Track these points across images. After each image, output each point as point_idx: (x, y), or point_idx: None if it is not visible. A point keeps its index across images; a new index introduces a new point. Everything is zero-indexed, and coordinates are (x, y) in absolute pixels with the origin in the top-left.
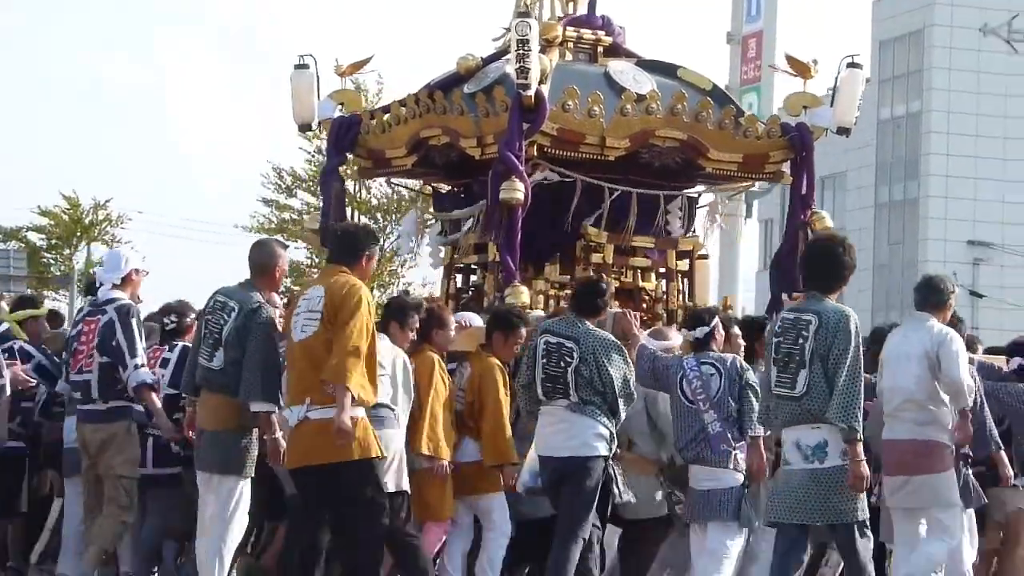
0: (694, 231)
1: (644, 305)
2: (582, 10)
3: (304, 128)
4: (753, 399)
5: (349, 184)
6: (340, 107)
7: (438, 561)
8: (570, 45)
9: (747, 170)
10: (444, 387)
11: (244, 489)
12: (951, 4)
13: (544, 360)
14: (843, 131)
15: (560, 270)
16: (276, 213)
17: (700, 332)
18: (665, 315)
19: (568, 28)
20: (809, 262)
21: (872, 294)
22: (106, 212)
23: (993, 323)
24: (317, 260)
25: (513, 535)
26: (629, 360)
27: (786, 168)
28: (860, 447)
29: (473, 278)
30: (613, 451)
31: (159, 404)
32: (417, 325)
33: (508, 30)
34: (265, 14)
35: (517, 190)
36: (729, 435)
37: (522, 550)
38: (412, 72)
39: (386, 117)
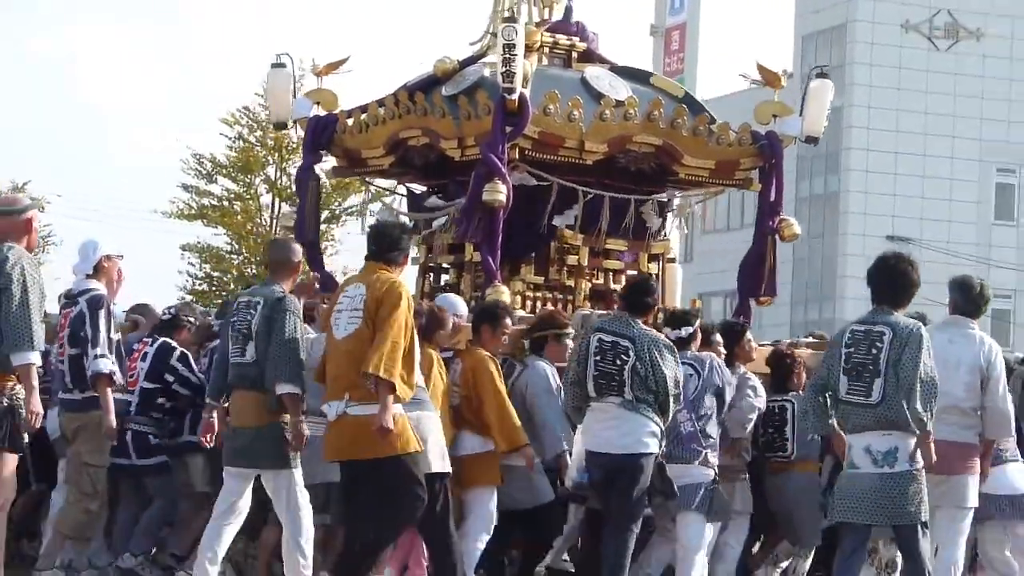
0: (665, 235)
1: (616, 306)
2: (557, 16)
3: (280, 126)
4: (725, 400)
5: (271, 171)
6: (316, 106)
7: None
8: (546, 50)
9: (718, 176)
10: (442, 382)
11: (298, 477)
12: (873, 0)
13: (598, 357)
14: (811, 140)
15: (535, 271)
16: (196, 199)
17: (685, 332)
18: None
19: (544, 34)
20: (880, 278)
21: (791, 287)
22: (25, 195)
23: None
24: (238, 247)
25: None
26: (679, 361)
27: (755, 175)
28: (931, 440)
29: (446, 277)
30: (662, 449)
31: (110, 397)
32: (509, 327)
33: (492, 33)
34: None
35: (500, 192)
36: (700, 435)
37: (505, 539)
38: (388, 73)
39: (363, 117)
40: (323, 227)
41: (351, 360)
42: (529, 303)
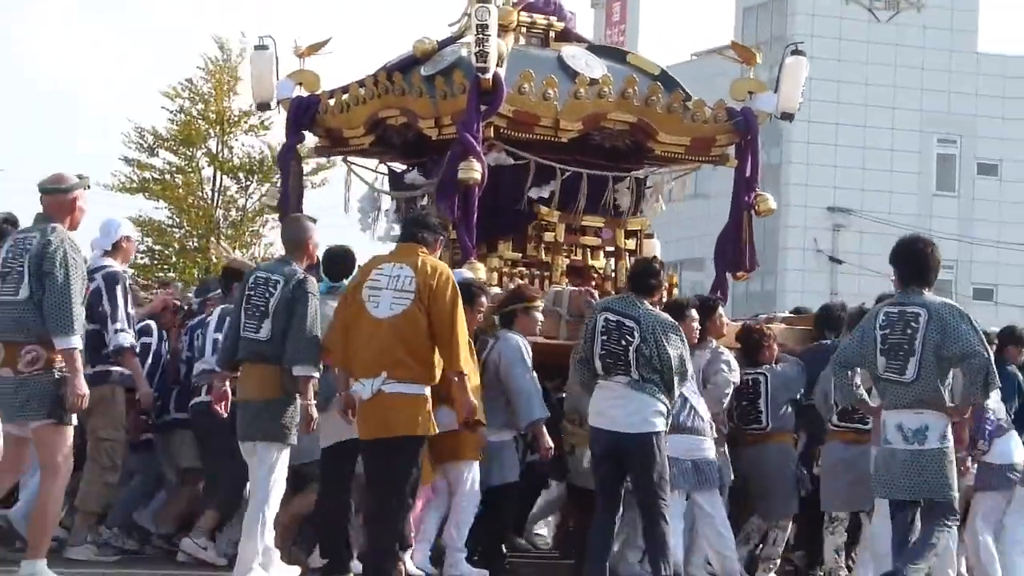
0: (641, 211)
1: (593, 282)
2: None
3: (263, 107)
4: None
5: (212, 144)
6: (299, 87)
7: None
8: (523, 30)
9: (694, 153)
10: None
11: (285, 455)
12: None
13: (604, 337)
14: (787, 116)
15: (512, 248)
16: (138, 172)
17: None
18: (614, 292)
19: (521, 13)
20: (905, 260)
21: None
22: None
23: (852, 288)
24: (180, 220)
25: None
26: (685, 340)
27: (731, 151)
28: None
29: None
30: (667, 427)
31: (139, 368)
32: (484, 305)
33: (466, 15)
34: None
35: (475, 170)
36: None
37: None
38: (368, 54)
39: (344, 97)
40: (264, 199)
41: (397, 339)
42: (507, 280)
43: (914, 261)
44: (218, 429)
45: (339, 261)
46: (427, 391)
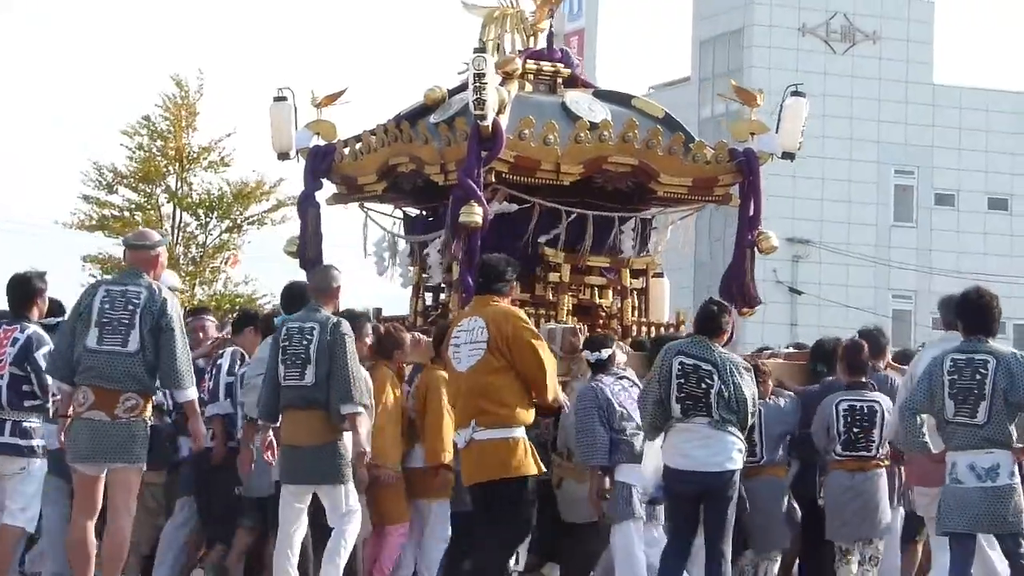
0: (647, 251)
1: (600, 321)
2: (542, 43)
3: (283, 157)
4: None
5: (171, 181)
6: (316, 136)
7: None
8: (531, 77)
9: (697, 193)
10: (394, 400)
11: (352, 489)
12: (770, 4)
13: (681, 380)
14: (788, 155)
15: (520, 288)
16: (97, 209)
17: (605, 354)
18: (620, 330)
19: (528, 61)
20: (972, 312)
21: (693, 292)
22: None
23: (812, 319)
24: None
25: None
26: (755, 380)
27: (734, 191)
28: None
29: (443, 296)
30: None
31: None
32: (370, 334)
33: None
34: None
35: (476, 214)
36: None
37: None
38: (383, 103)
39: (358, 146)
40: (225, 236)
41: (477, 389)
42: None
43: (980, 313)
44: (219, 473)
45: (298, 298)
46: (518, 432)
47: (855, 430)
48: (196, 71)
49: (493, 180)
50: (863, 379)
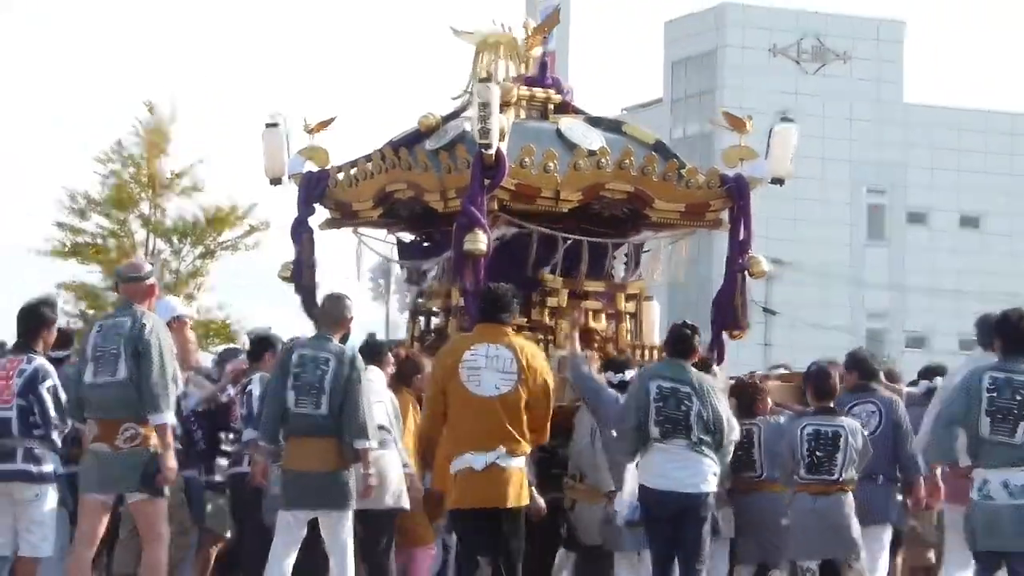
0: (639, 275)
1: (596, 344)
2: (534, 71)
3: (275, 182)
4: None
5: (144, 207)
6: (309, 162)
7: None
8: (523, 103)
9: (689, 218)
10: (416, 426)
11: (350, 518)
12: (742, 25)
13: (659, 404)
14: (777, 181)
15: (520, 313)
16: (71, 236)
17: (628, 375)
18: (616, 353)
19: (521, 87)
20: (1011, 331)
21: (667, 312)
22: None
23: (786, 340)
24: (111, 283)
25: None
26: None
27: (724, 216)
28: None
29: (436, 321)
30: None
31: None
32: (391, 363)
33: (468, 92)
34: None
35: (480, 241)
36: None
37: None
38: (374, 129)
39: (353, 172)
40: (197, 262)
41: (506, 416)
42: None
43: (1019, 333)
44: (257, 500)
45: (264, 347)
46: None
47: (819, 454)
48: (169, 96)
49: (495, 207)
50: (830, 404)
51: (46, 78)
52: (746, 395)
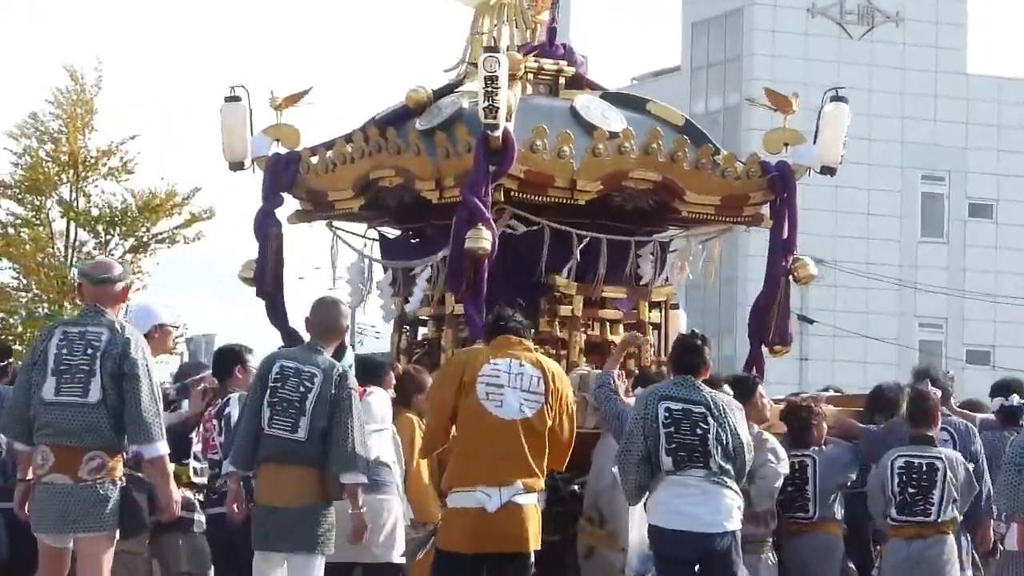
0: (666, 279)
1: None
2: (542, 38)
3: (236, 167)
4: None
5: (65, 191)
6: (276, 143)
7: None
8: (529, 77)
9: (724, 213)
10: None
11: (322, 565)
12: None
13: (670, 429)
14: (827, 170)
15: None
16: None
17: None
18: (637, 371)
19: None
20: None
21: (686, 318)
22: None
23: (825, 353)
24: (25, 282)
25: None
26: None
27: (765, 210)
28: None
29: (423, 331)
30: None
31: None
32: (392, 383)
33: (471, 63)
34: None
35: (484, 239)
36: None
37: None
38: (354, 104)
39: (329, 155)
40: (128, 256)
41: (528, 443)
42: None
43: None
44: (242, 539)
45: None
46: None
47: (911, 490)
48: (94, 60)
49: (501, 199)
50: (927, 432)
51: None
52: (799, 421)
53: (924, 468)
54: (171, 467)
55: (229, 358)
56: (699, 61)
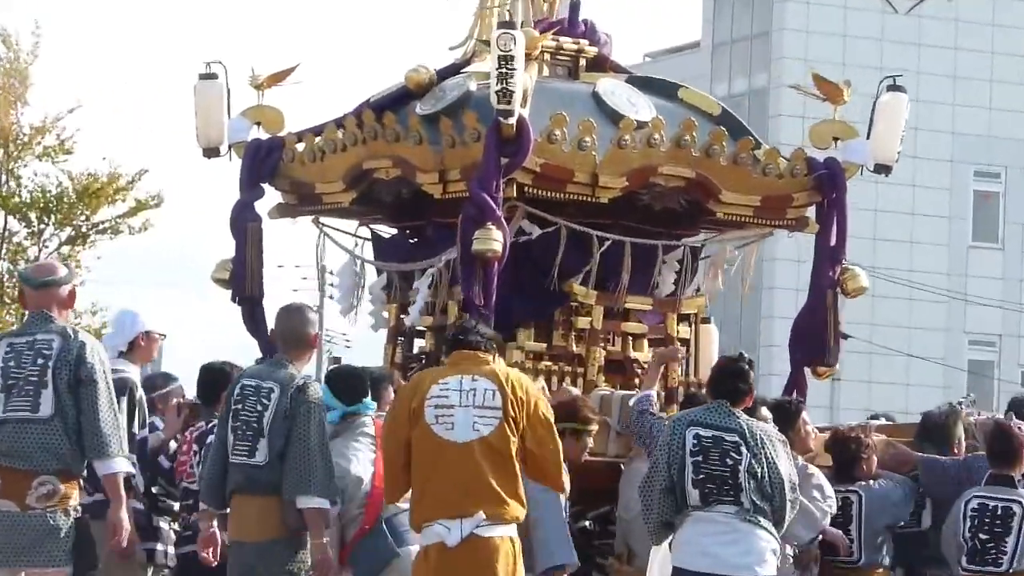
0: (697, 289)
1: (637, 380)
2: (562, 14)
3: (211, 153)
4: None
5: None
6: (257, 127)
7: None
8: (546, 57)
9: (764, 215)
10: None
11: None
12: None
13: (698, 458)
14: (882, 169)
15: (535, 336)
16: None
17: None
18: (664, 394)
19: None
20: None
21: None
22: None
23: (861, 373)
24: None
25: None
26: (791, 457)
27: (811, 213)
28: None
29: (420, 343)
30: None
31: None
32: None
33: (483, 40)
34: None
35: (494, 240)
36: None
37: None
38: (346, 85)
39: (318, 141)
40: (66, 248)
41: (488, 466)
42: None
43: None
44: None
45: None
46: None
47: (982, 536)
48: (31, 24)
49: (513, 195)
50: (1010, 472)
51: None
52: (846, 452)
53: (999, 511)
54: (123, 491)
55: (218, 378)
56: (722, 36)
